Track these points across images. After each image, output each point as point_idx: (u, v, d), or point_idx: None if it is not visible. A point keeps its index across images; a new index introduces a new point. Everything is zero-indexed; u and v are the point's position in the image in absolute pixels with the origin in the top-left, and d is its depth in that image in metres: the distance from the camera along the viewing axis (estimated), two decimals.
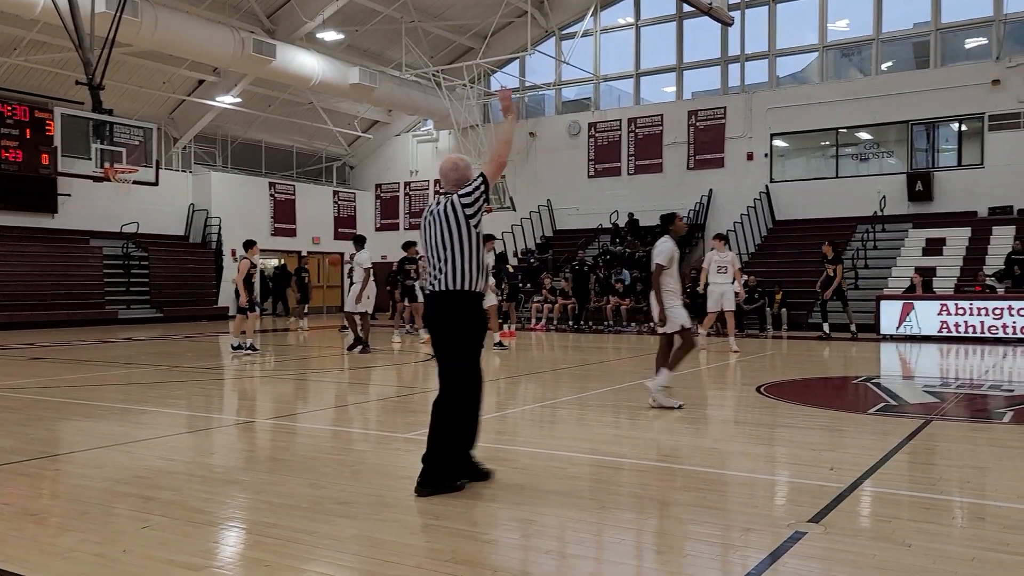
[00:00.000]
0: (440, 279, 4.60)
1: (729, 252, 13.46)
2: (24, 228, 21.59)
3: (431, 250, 4.67)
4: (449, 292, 4.58)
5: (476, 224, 4.61)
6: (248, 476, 5.09)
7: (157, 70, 22.70)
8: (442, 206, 4.65)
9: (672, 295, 7.48)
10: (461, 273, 4.56)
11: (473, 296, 4.60)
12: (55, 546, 3.69)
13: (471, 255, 4.57)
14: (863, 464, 5.20)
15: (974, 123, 20.65)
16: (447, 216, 4.61)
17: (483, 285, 4.66)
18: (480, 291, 4.63)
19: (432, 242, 4.65)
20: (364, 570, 3.41)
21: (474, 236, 4.60)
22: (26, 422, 6.96)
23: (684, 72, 24.66)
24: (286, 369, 11.76)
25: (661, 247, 7.50)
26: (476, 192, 4.60)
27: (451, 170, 4.78)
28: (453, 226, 4.58)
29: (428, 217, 4.72)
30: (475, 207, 4.59)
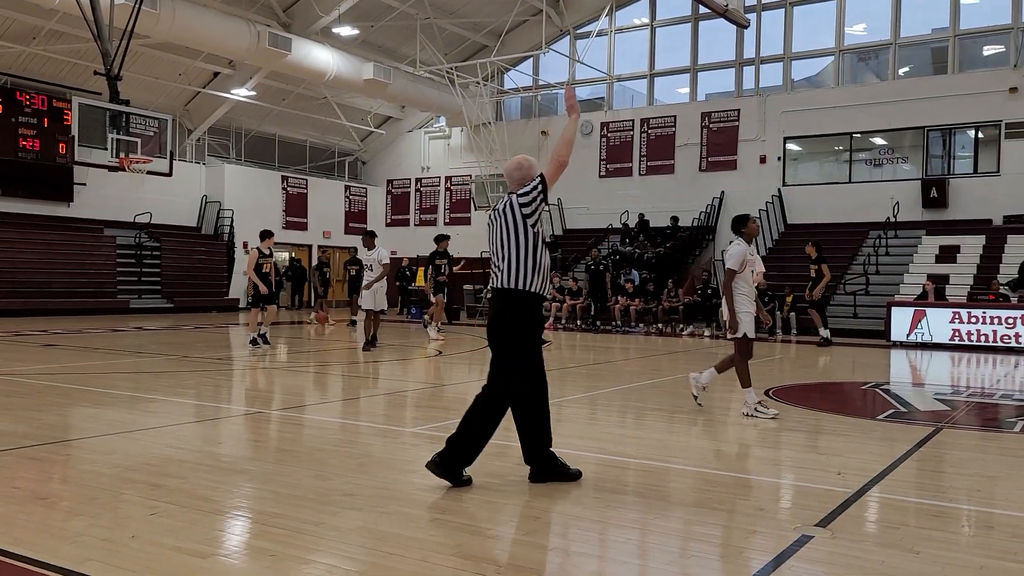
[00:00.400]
0: (498, 277, 4.68)
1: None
2: (40, 216, 21.75)
3: (493, 249, 4.77)
4: (505, 290, 4.63)
5: (533, 224, 4.63)
6: (255, 466, 5.11)
7: (173, 62, 22.81)
8: (503, 205, 4.73)
9: (746, 300, 7.22)
10: (517, 272, 4.60)
11: (529, 295, 4.62)
12: (64, 530, 3.72)
13: (528, 254, 4.60)
14: (871, 470, 5.18)
15: (991, 131, 20.51)
16: (506, 215, 4.67)
17: (542, 285, 4.67)
18: (537, 291, 4.65)
19: (494, 241, 4.74)
20: (368, 562, 3.42)
21: (531, 236, 4.61)
22: (37, 407, 7.02)
23: (698, 73, 24.59)
24: (296, 362, 11.81)
25: (733, 250, 7.29)
26: (534, 192, 4.63)
27: (515, 169, 4.81)
28: (511, 225, 4.64)
29: (492, 216, 4.81)
30: (532, 207, 4.61)
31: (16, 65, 21.11)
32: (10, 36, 19.97)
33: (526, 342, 4.66)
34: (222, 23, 19.70)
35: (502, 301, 4.66)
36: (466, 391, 9.12)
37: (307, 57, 21.59)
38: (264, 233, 13.05)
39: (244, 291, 25.87)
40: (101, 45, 15.20)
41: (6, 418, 6.55)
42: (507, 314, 4.63)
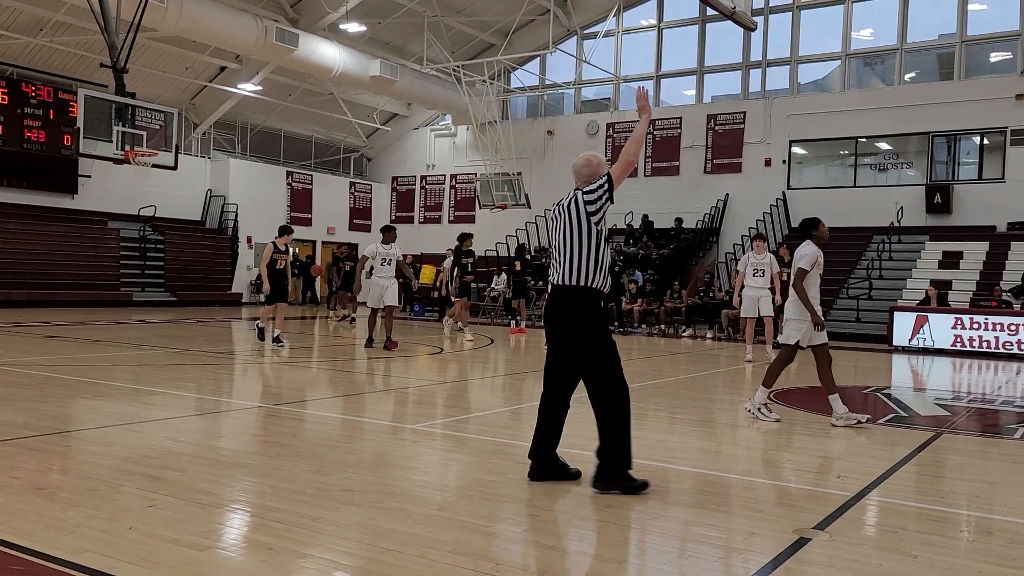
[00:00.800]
0: (559, 273, 4.65)
1: (768, 254, 12.47)
2: (44, 208, 21.78)
3: (554, 245, 4.74)
4: (566, 287, 4.61)
5: (597, 222, 4.62)
6: (254, 460, 5.12)
7: (180, 55, 22.83)
8: (567, 201, 4.72)
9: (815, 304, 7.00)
10: (579, 269, 4.58)
11: (591, 291, 4.61)
12: (62, 521, 3.72)
13: (591, 252, 4.59)
14: (871, 473, 5.17)
15: (996, 137, 20.47)
16: (570, 212, 4.66)
17: (603, 282, 4.65)
18: (599, 287, 4.63)
19: (555, 237, 4.73)
20: (366, 557, 3.42)
21: (595, 233, 4.60)
22: (38, 398, 7.03)
23: (705, 75, 24.57)
24: (301, 357, 11.81)
25: (805, 251, 7.09)
26: (600, 191, 4.61)
27: (583, 166, 4.79)
28: (574, 222, 4.62)
29: (555, 211, 4.79)
30: (597, 205, 4.60)
31: (22, 56, 21.15)
32: (17, 27, 20.00)
33: (595, 338, 4.59)
34: (229, 17, 19.72)
35: (564, 298, 4.63)
36: (467, 389, 9.12)
37: (314, 53, 21.60)
38: (282, 229, 12.56)
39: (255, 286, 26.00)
40: (108, 37, 15.22)
41: (7, 409, 6.56)
42: (569, 311, 4.60)
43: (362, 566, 3.34)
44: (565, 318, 4.62)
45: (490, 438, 6.11)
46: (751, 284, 12.27)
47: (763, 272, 12.22)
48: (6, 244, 20.02)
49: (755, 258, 12.31)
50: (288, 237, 12.31)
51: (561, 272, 4.64)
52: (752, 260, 12.31)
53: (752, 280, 12.23)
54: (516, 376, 10.33)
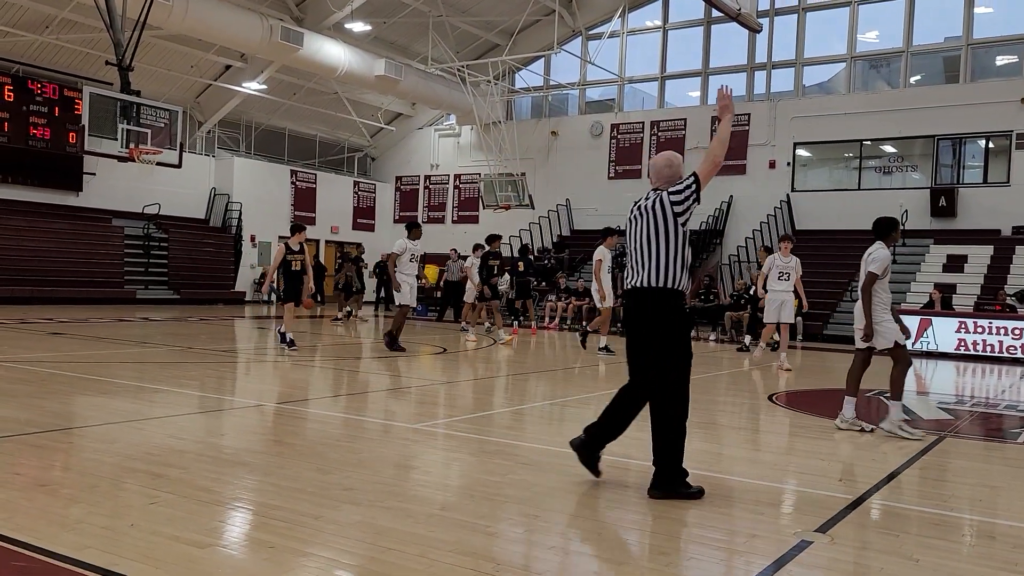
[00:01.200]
0: (642, 275, 4.55)
1: (793, 257, 11.74)
2: (49, 205, 21.83)
3: (635, 246, 4.63)
4: (651, 289, 4.52)
5: (684, 223, 4.55)
6: (256, 458, 5.12)
7: (185, 54, 22.87)
8: (651, 202, 4.61)
9: (883, 308, 6.75)
10: (664, 270, 4.50)
11: (676, 293, 4.53)
12: (64, 517, 3.73)
13: (675, 252, 4.51)
14: (873, 477, 5.16)
15: (1001, 141, 20.42)
16: (655, 212, 4.56)
17: (687, 284, 4.59)
18: (683, 289, 4.56)
19: (637, 238, 4.61)
20: (367, 556, 3.42)
21: (680, 234, 4.53)
22: (41, 395, 7.04)
23: (710, 77, 24.54)
24: (307, 356, 11.81)
25: (876, 254, 6.76)
26: (687, 191, 4.54)
27: (665, 166, 4.72)
28: (660, 222, 4.53)
29: (635, 212, 4.68)
30: (684, 205, 4.53)
31: (28, 54, 21.20)
32: (23, 24, 20.05)
33: (677, 340, 4.54)
34: (235, 16, 19.75)
35: (647, 299, 4.53)
36: (468, 389, 9.11)
37: (319, 52, 21.62)
38: (294, 227, 11.91)
39: (258, 284, 26.02)
40: (113, 35, 15.25)
41: (10, 405, 6.57)
42: (656, 313, 4.52)
43: (363, 565, 3.34)
44: (647, 319, 4.53)
45: (492, 438, 6.11)
46: (775, 288, 11.65)
47: (788, 276, 11.63)
48: (11, 241, 20.07)
49: (781, 260, 11.71)
50: (301, 235, 11.75)
51: (643, 274, 4.54)
52: (778, 262, 11.71)
53: (777, 284, 11.64)
54: (520, 377, 10.33)
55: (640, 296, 4.57)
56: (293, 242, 11.57)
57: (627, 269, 4.70)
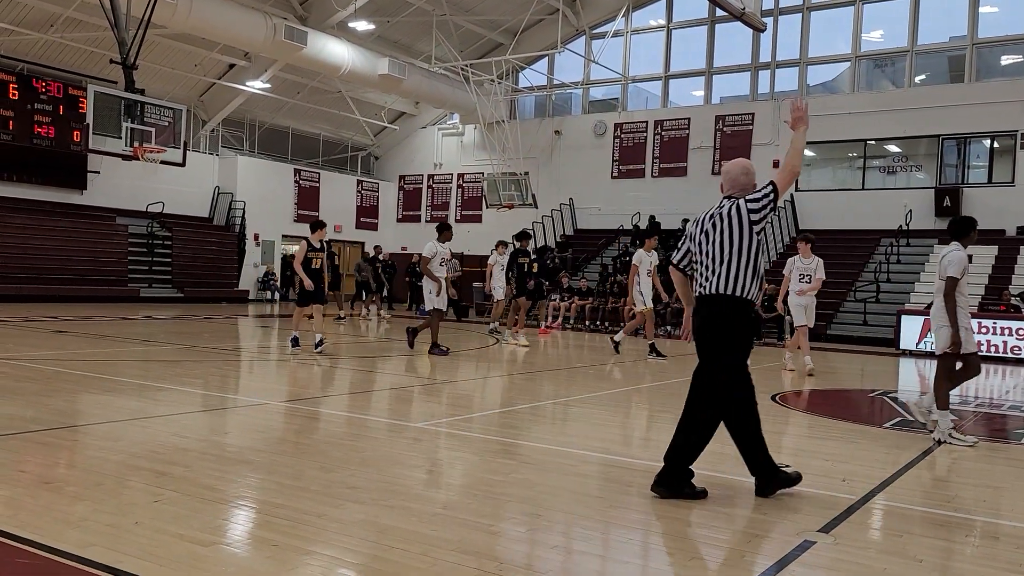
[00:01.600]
0: (713, 282, 4.52)
1: (815, 258, 11.13)
2: (53, 203, 21.88)
3: (707, 252, 4.58)
4: (722, 296, 4.49)
5: (760, 231, 4.53)
6: (260, 456, 5.13)
7: (189, 52, 22.90)
8: (726, 209, 4.56)
9: (964, 313, 6.42)
10: (735, 278, 4.48)
11: (747, 303, 4.53)
12: (69, 514, 3.74)
13: (750, 261, 4.50)
14: (876, 477, 5.15)
15: (1006, 141, 20.38)
16: (731, 219, 4.52)
17: (758, 293, 4.59)
18: (753, 298, 4.56)
19: (710, 245, 4.56)
20: (370, 554, 3.43)
21: (756, 242, 4.51)
22: (46, 393, 7.06)
23: (713, 76, 24.52)
24: (311, 355, 11.83)
25: (951, 256, 6.38)
26: (765, 200, 4.53)
27: (741, 174, 4.69)
28: (735, 230, 4.50)
29: (709, 219, 4.62)
30: (762, 214, 4.52)
31: (33, 52, 21.24)
32: (28, 23, 20.09)
33: (744, 348, 4.54)
34: (239, 15, 19.77)
35: (718, 307, 4.51)
36: (472, 388, 9.12)
37: (323, 51, 21.64)
38: (315, 224, 11.51)
39: (261, 283, 26.07)
40: (118, 34, 15.28)
41: (15, 403, 6.59)
42: (726, 321, 4.50)
43: (366, 563, 3.35)
44: (718, 327, 4.52)
45: (495, 437, 6.11)
46: (797, 290, 11.05)
47: (809, 278, 11.04)
48: (15, 239, 20.12)
49: (802, 262, 11.11)
50: (322, 232, 11.41)
51: (715, 281, 4.50)
52: (799, 264, 11.12)
53: (798, 286, 11.04)
54: (523, 376, 10.33)
55: (711, 304, 4.54)
56: (314, 239, 11.21)
57: (697, 275, 4.66)
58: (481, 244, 25.80)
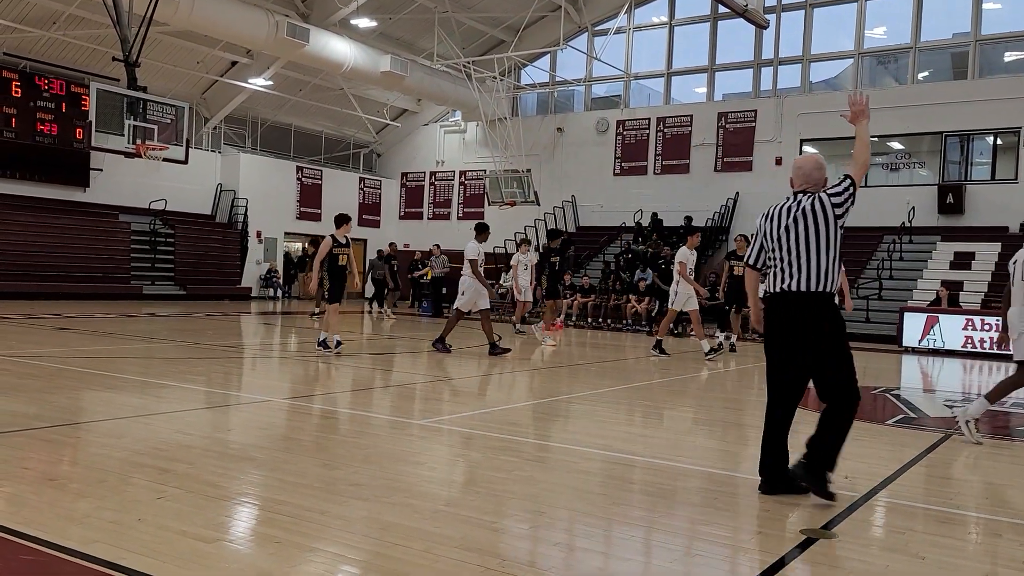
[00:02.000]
0: (799, 279, 4.42)
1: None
2: (56, 200, 21.91)
3: (789, 249, 4.47)
4: (813, 294, 4.40)
5: (842, 225, 4.51)
6: (262, 453, 5.14)
7: (191, 50, 22.90)
8: (808, 204, 4.49)
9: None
10: (819, 274, 4.41)
11: (829, 297, 4.46)
12: (72, 511, 3.75)
13: (835, 256, 4.46)
14: (879, 474, 5.15)
15: (1010, 137, 20.33)
16: (815, 214, 4.45)
17: (836, 287, 4.51)
18: (833, 292, 4.48)
19: (792, 241, 4.47)
20: (372, 551, 3.43)
21: (839, 237, 4.48)
22: (49, 390, 7.07)
23: (716, 73, 24.49)
24: (312, 351, 11.84)
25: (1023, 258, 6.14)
26: (847, 193, 4.50)
27: (815, 169, 4.63)
28: (821, 225, 4.44)
29: (790, 214, 4.52)
30: (845, 208, 4.49)
31: (35, 50, 21.25)
32: (30, 21, 20.10)
33: (842, 340, 4.48)
34: (241, 12, 19.77)
35: (807, 304, 4.41)
36: (476, 385, 9.12)
37: (325, 48, 21.63)
38: (340, 218, 10.86)
39: (264, 280, 26.09)
40: (120, 31, 15.30)
41: (18, 400, 6.60)
42: (814, 317, 4.41)
43: (369, 560, 3.35)
44: (810, 325, 4.41)
45: (497, 434, 6.11)
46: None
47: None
48: (18, 236, 20.15)
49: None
50: (347, 227, 10.74)
51: (800, 277, 4.42)
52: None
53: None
54: (526, 373, 10.33)
55: (799, 301, 4.43)
56: (339, 234, 10.63)
57: (771, 272, 4.55)
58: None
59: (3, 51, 20.66)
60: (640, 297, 19.67)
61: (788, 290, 4.47)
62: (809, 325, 4.44)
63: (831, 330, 4.45)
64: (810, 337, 4.45)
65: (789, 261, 4.48)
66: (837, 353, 4.45)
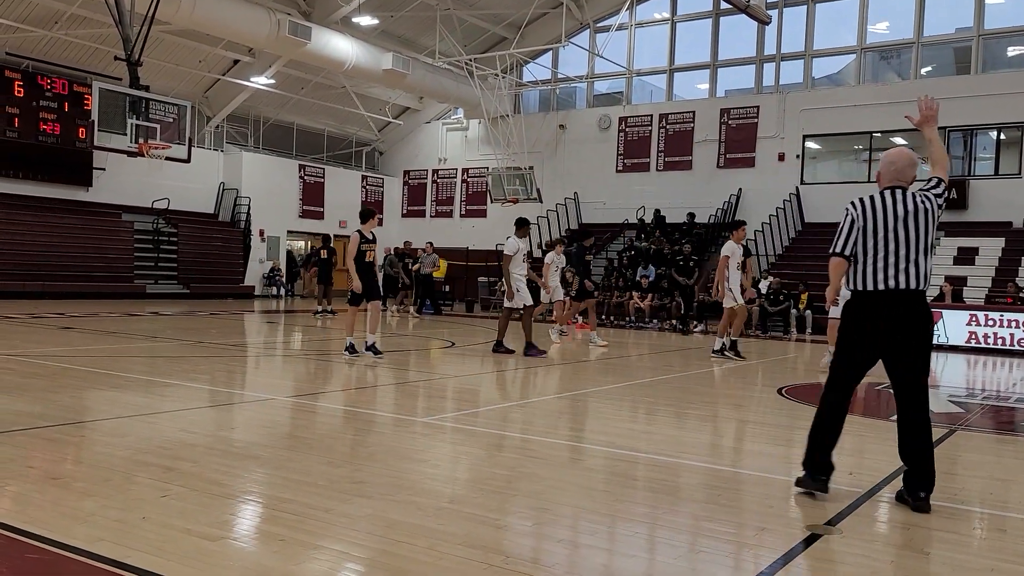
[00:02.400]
0: (907, 277, 4.25)
1: None
2: (59, 200, 21.94)
3: (897, 245, 4.28)
4: (915, 292, 4.25)
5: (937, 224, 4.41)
6: (266, 452, 5.14)
7: (193, 48, 22.91)
8: (916, 201, 4.33)
9: None
10: (926, 273, 4.31)
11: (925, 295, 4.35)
12: (77, 510, 3.75)
13: (931, 253, 4.37)
14: (883, 470, 5.14)
15: (1013, 132, 20.28)
16: (925, 212, 4.31)
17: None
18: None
19: (902, 237, 4.28)
20: (377, 549, 3.44)
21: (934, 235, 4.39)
22: (53, 389, 7.08)
23: (718, 69, 24.45)
24: (316, 349, 11.86)
25: None
26: (943, 191, 4.42)
27: (909, 166, 4.46)
28: (930, 224, 4.32)
29: (892, 210, 4.33)
30: (943, 208, 4.42)
31: (38, 49, 21.27)
32: (32, 20, 20.12)
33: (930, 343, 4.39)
34: (242, 11, 19.77)
35: (916, 304, 4.27)
36: (480, 383, 9.12)
37: (326, 46, 21.63)
38: (366, 212, 10.30)
39: (268, 279, 26.10)
40: (122, 30, 15.31)
41: (23, 399, 6.62)
42: (921, 317, 4.28)
43: (373, 558, 3.35)
44: (916, 325, 4.28)
45: (501, 431, 6.11)
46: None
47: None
48: (21, 236, 20.18)
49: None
50: (374, 221, 10.24)
51: (911, 276, 4.24)
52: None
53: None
54: (530, 370, 10.33)
55: (908, 300, 4.28)
56: (367, 229, 10.08)
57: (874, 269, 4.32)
58: (486, 239, 25.81)
59: (5, 51, 20.68)
60: (643, 294, 19.65)
61: (897, 288, 4.27)
62: (915, 325, 4.29)
63: (929, 331, 4.36)
64: (912, 337, 4.30)
65: (898, 255, 4.28)
66: (927, 354, 4.36)
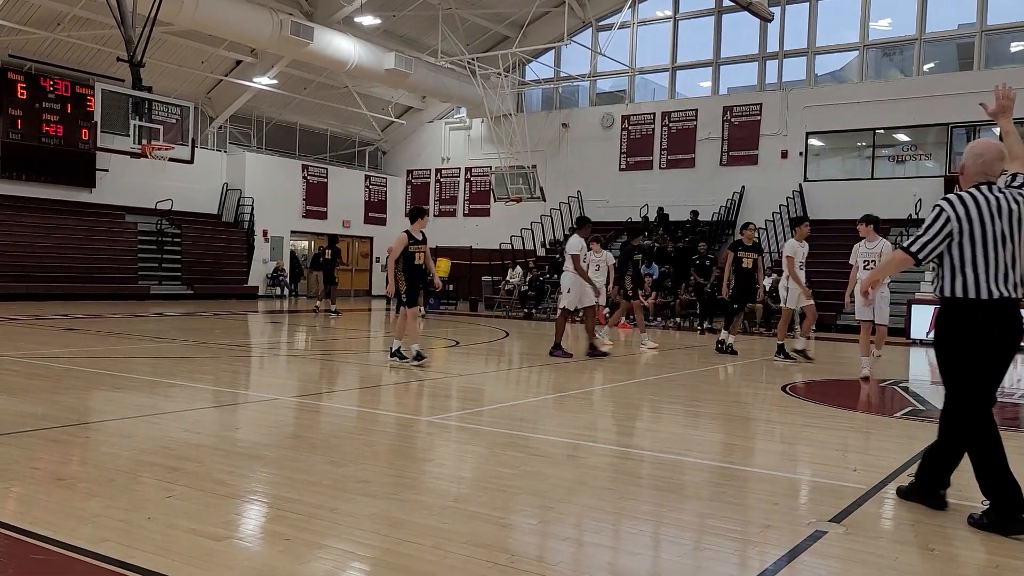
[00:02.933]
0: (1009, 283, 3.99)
1: (881, 240, 9.88)
2: (62, 201, 21.99)
3: (1006, 248, 3.97)
4: (1017, 301, 4.01)
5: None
6: (271, 451, 5.15)
7: (196, 49, 22.94)
8: (1010, 199, 4.01)
9: None
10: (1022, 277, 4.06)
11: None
12: (82, 511, 3.76)
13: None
14: (888, 467, 5.14)
15: (1017, 128, 20.19)
16: (1017, 212, 3.98)
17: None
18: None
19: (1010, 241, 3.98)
20: (382, 548, 3.44)
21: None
22: (57, 390, 7.10)
23: (721, 67, 24.41)
24: (320, 349, 11.87)
25: None
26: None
27: (997, 159, 4.08)
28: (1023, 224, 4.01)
29: (996, 209, 3.97)
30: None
31: (40, 51, 21.31)
32: (35, 22, 20.15)
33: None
34: (245, 11, 19.79)
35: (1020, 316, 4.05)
36: (484, 382, 9.12)
37: (329, 46, 21.64)
38: (415, 211, 9.64)
39: (270, 279, 26.14)
40: (125, 32, 15.34)
41: (27, 400, 6.63)
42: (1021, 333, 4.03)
43: (378, 557, 3.36)
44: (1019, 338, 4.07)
45: (505, 430, 6.12)
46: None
47: (875, 263, 9.56)
48: (25, 237, 20.23)
49: (866, 247, 9.83)
50: (423, 221, 9.54)
51: (1009, 282, 3.98)
52: (862, 250, 9.86)
53: (864, 274, 9.50)
54: (534, 368, 10.33)
55: (1014, 309, 4.02)
56: (415, 229, 9.44)
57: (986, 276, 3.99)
58: (489, 238, 25.81)
59: (8, 53, 20.72)
60: (646, 293, 19.61)
61: (1011, 296, 4.00)
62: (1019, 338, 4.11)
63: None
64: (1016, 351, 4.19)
65: (1006, 261, 3.97)
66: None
